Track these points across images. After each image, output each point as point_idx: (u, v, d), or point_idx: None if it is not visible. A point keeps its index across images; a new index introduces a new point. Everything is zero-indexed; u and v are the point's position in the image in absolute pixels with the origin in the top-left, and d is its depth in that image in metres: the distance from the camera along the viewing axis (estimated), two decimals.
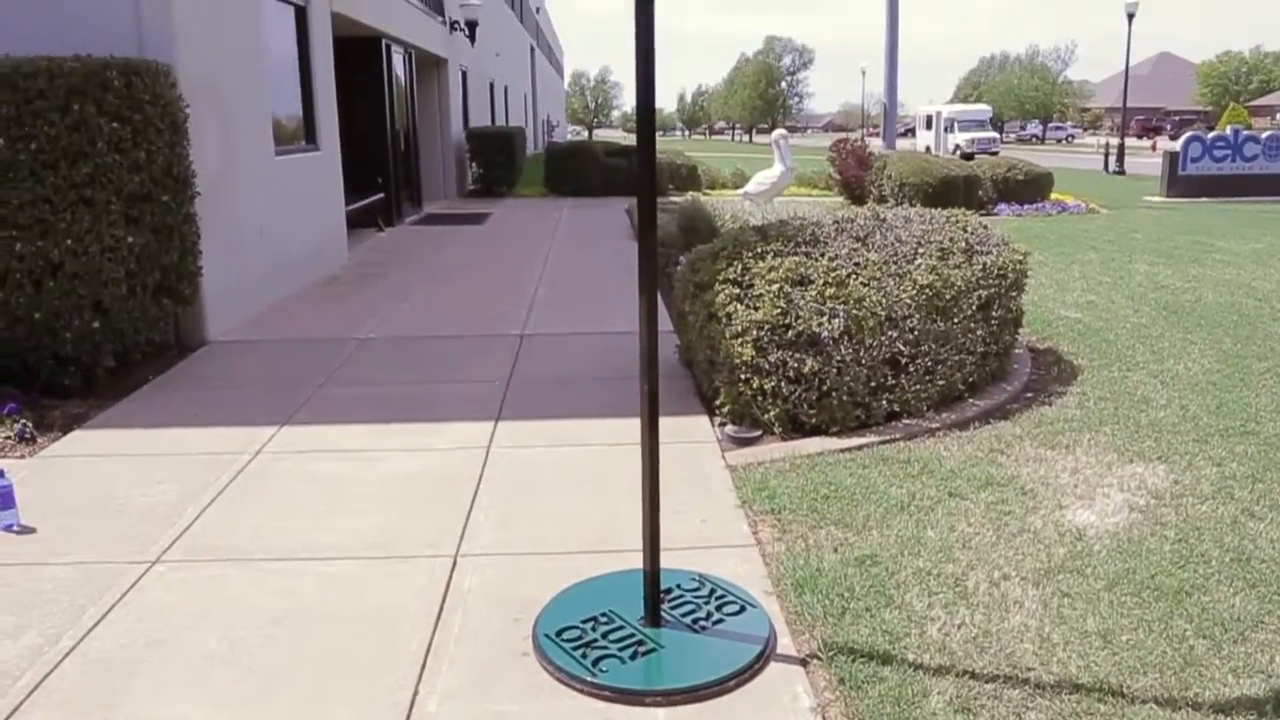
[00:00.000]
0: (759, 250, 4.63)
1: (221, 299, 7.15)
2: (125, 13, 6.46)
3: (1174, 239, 12.62)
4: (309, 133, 9.90)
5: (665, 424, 3.08)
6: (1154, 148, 51.39)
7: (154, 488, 4.25)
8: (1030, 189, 17.19)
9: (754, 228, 5.15)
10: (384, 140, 13.99)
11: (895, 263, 4.71)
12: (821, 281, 4.48)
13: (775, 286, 4.43)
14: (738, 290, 4.52)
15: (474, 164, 19.42)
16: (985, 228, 5.33)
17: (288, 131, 9.32)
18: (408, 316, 7.90)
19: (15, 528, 3.84)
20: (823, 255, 4.65)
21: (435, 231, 13.86)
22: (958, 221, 5.32)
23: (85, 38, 6.15)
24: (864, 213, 5.35)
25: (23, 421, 4.99)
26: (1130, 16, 32.39)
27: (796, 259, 4.56)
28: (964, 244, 4.97)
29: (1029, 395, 5.47)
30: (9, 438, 4.89)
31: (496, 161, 19.18)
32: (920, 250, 4.80)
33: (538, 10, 46.32)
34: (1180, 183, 19.89)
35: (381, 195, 13.51)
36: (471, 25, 19.32)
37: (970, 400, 5.14)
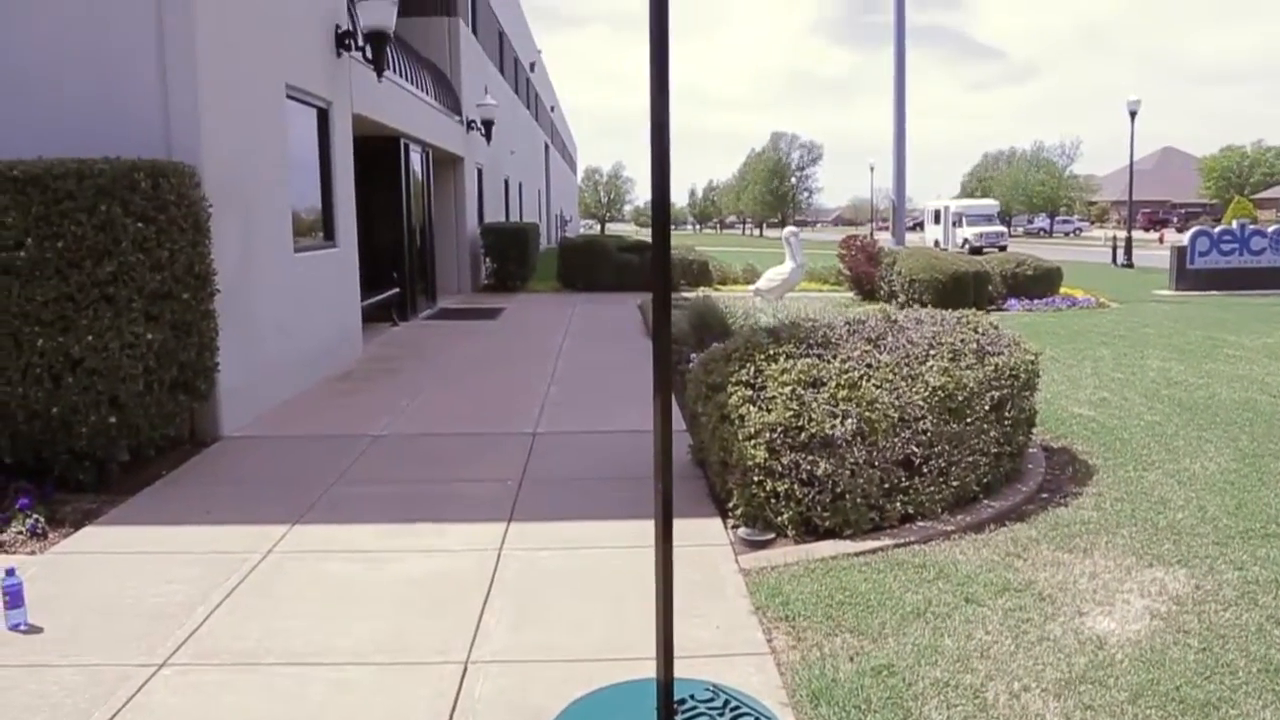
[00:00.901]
0: (771, 352, 4.67)
1: (237, 394, 7.20)
2: (154, 116, 6.67)
3: (1185, 334, 12.65)
4: (328, 230, 10.09)
5: (678, 526, 3.07)
6: (1161, 240, 51.82)
7: (164, 587, 4.23)
8: (1040, 284, 17.32)
9: (766, 329, 5.20)
10: (401, 236, 14.24)
11: (907, 364, 4.73)
12: (834, 383, 4.50)
13: (788, 389, 4.46)
14: (750, 392, 4.55)
15: (488, 259, 19.70)
16: (996, 328, 5.36)
17: (307, 229, 9.50)
18: (421, 413, 7.93)
19: (23, 627, 3.82)
20: (835, 357, 4.68)
21: (449, 326, 14.00)
22: (969, 322, 5.36)
23: (115, 139, 6.33)
24: (875, 314, 5.40)
25: (35, 517, 5.01)
26: (1132, 114, 33.04)
27: (809, 361, 4.59)
28: (975, 345, 5.00)
29: (1044, 496, 5.42)
30: (20, 533, 4.89)
31: (510, 257, 19.46)
32: (932, 352, 4.83)
33: (552, 109, 47.50)
34: (1189, 276, 20.03)
35: (397, 290, 13.70)
36: (488, 125, 19.81)
37: (985, 501, 5.11)
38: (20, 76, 6.60)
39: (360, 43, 10.67)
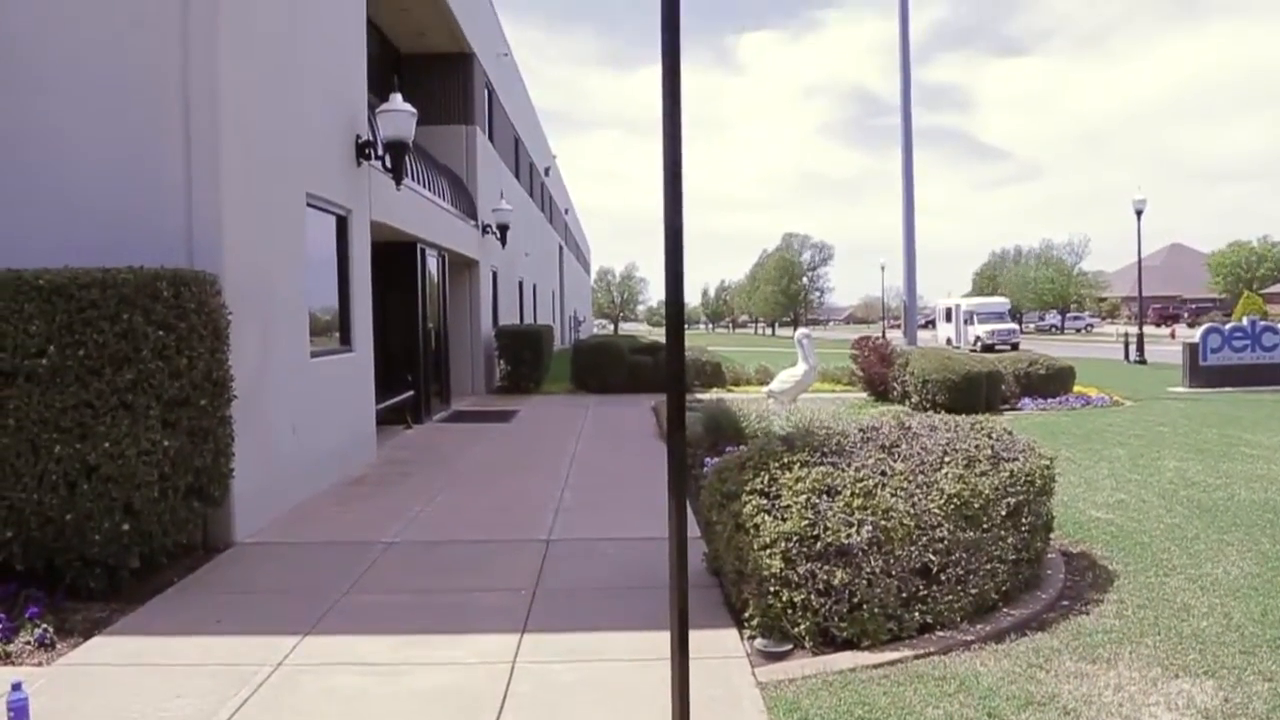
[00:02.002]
0: (785, 460, 4.67)
1: (250, 500, 7.21)
2: (178, 225, 6.84)
3: (1201, 432, 12.57)
4: (344, 334, 10.22)
5: (694, 637, 3.04)
6: (1173, 335, 51.89)
7: (172, 702, 4.18)
8: (1053, 383, 17.30)
9: (780, 437, 5.21)
10: (415, 339, 14.39)
11: (922, 472, 4.72)
12: (849, 492, 4.49)
13: (803, 497, 4.44)
14: (765, 501, 4.53)
15: (502, 361, 19.85)
16: (1010, 433, 5.35)
17: (324, 334, 9.63)
18: (434, 519, 7.91)
19: None
20: (849, 465, 4.68)
21: (462, 429, 14.03)
22: (982, 428, 5.36)
23: (140, 247, 6.51)
24: (889, 421, 5.41)
25: (44, 626, 4.98)
26: (1139, 213, 33.46)
27: (823, 469, 4.59)
28: (990, 451, 4.99)
29: (1065, 604, 5.34)
30: (29, 643, 4.86)
31: (524, 359, 19.61)
32: (946, 459, 4.82)
33: (566, 211, 48.42)
34: (1202, 373, 20.01)
35: (411, 393, 13.78)
36: (503, 229, 20.19)
37: (1005, 610, 5.03)
38: (49, 189, 6.82)
39: (380, 152, 10.98)
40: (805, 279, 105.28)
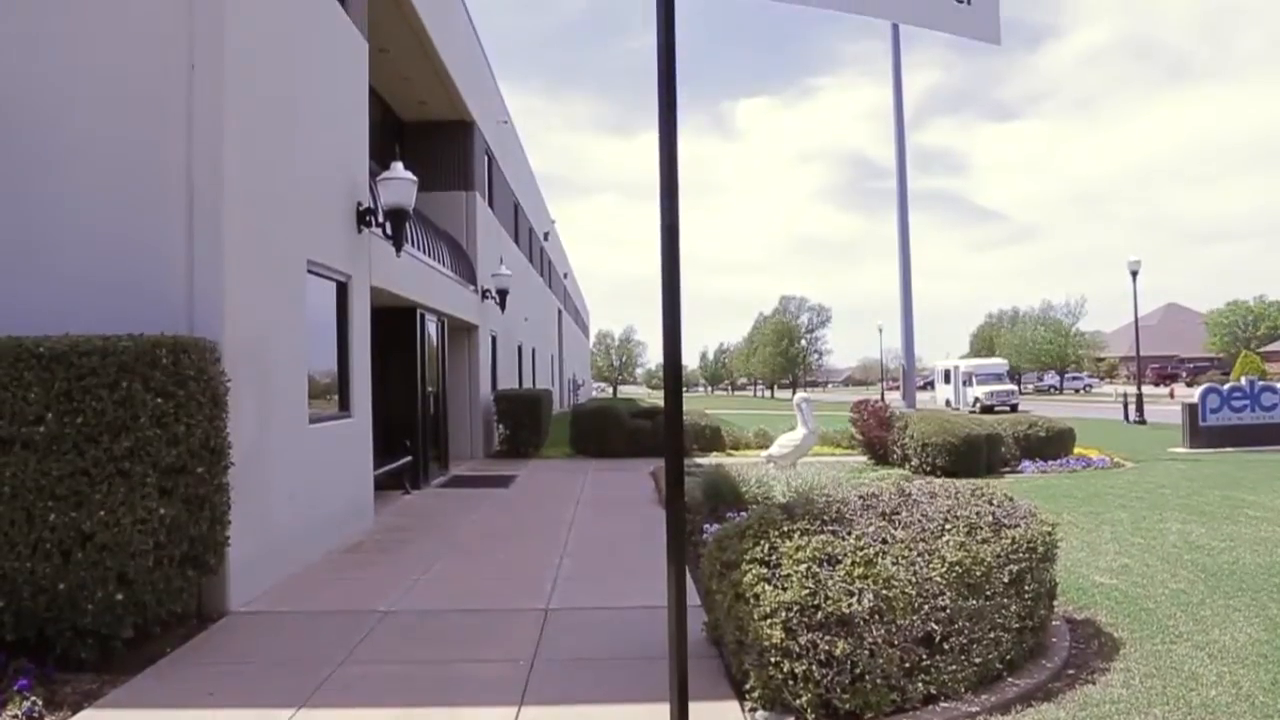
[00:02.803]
0: (785, 529, 4.64)
1: (246, 567, 7.14)
2: (179, 293, 6.86)
3: (1203, 494, 12.51)
4: (343, 400, 10.21)
5: (694, 709, 2.99)
6: (1172, 395, 51.95)
7: None
8: (1053, 444, 17.26)
9: (780, 505, 5.18)
10: (414, 403, 14.39)
11: (923, 539, 4.69)
12: (850, 560, 4.45)
13: (803, 566, 4.41)
14: (765, 570, 4.49)
15: (501, 425, 19.83)
16: (1011, 499, 5.33)
17: (323, 400, 9.62)
18: (431, 587, 7.82)
19: None
20: (850, 533, 4.64)
21: (461, 494, 13.95)
22: (983, 494, 5.34)
23: (140, 314, 6.54)
24: (889, 488, 5.39)
25: (33, 699, 4.90)
26: (1134, 274, 33.74)
27: (824, 537, 4.56)
28: (991, 518, 4.96)
29: (1070, 673, 5.26)
30: (17, 716, 4.78)
31: (523, 423, 19.60)
32: (948, 526, 4.79)
33: (565, 275, 48.73)
34: (1202, 434, 19.99)
35: (409, 458, 13.73)
36: (502, 294, 20.31)
37: (1009, 680, 4.95)
38: (51, 259, 6.86)
39: (381, 219, 11.08)
40: (803, 341, 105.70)
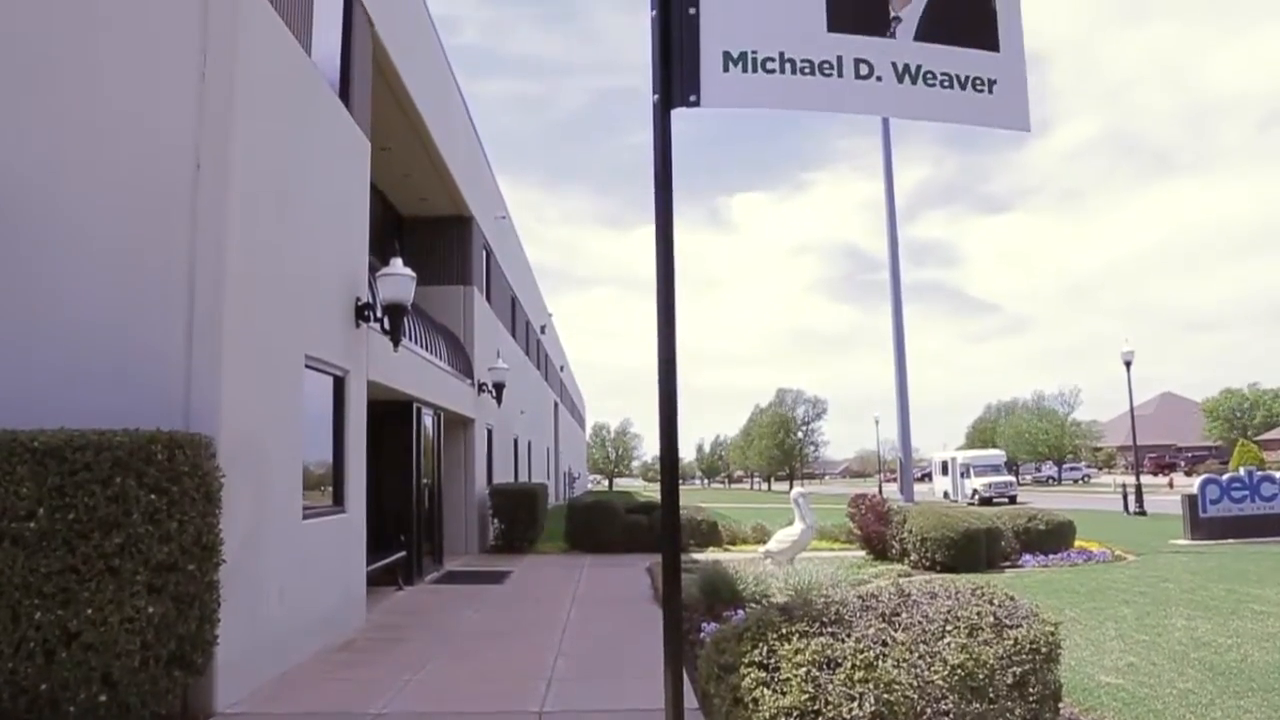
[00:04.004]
0: (784, 631, 4.56)
1: (234, 667, 6.98)
2: (176, 389, 6.87)
3: (1207, 588, 12.35)
4: (337, 495, 10.13)
5: None
6: (1170, 485, 51.71)
7: None
8: (1053, 538, 17.11)
9: (778, 606, 5.11)
10: (409, 497, 14.29)
11: (924, 641, 4.61)
12: (850, 664, 4.37)
13: (802, 670, 4.32)
14: (764, 674, 4.40)
15: (496, 519, 19.65)
16: (1012, 599, 5.25)
17: (317, 491, 9.55)
18: (424, 689, 7.65)
19: None
20: (849, 635, 4.57)
21: (455, 591, 13.74)
22: (983, 594, 5.27)
23: (137, 409, 6.54)
24: (888, 588, 5.32)
25: None
26: (1128, 364, 33.92)
27: (823, 640, 4.48)
28: (992, 618, 4.88)
29: None
30: None
31: (518, 518, 19.44)
32: (948, 627, 4.71)
33: (561, 368, 48.89)
34: (1203, 525, 19.85)
35: (403, 553, 13.57)
36: (499, 387, 20.34)
37: None
38: (48, 350, 6.88)
39: (379, 314, 11.16)
40: (800, 433, 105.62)
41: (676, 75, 2.94)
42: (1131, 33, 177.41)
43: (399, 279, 11.12)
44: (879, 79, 3.02)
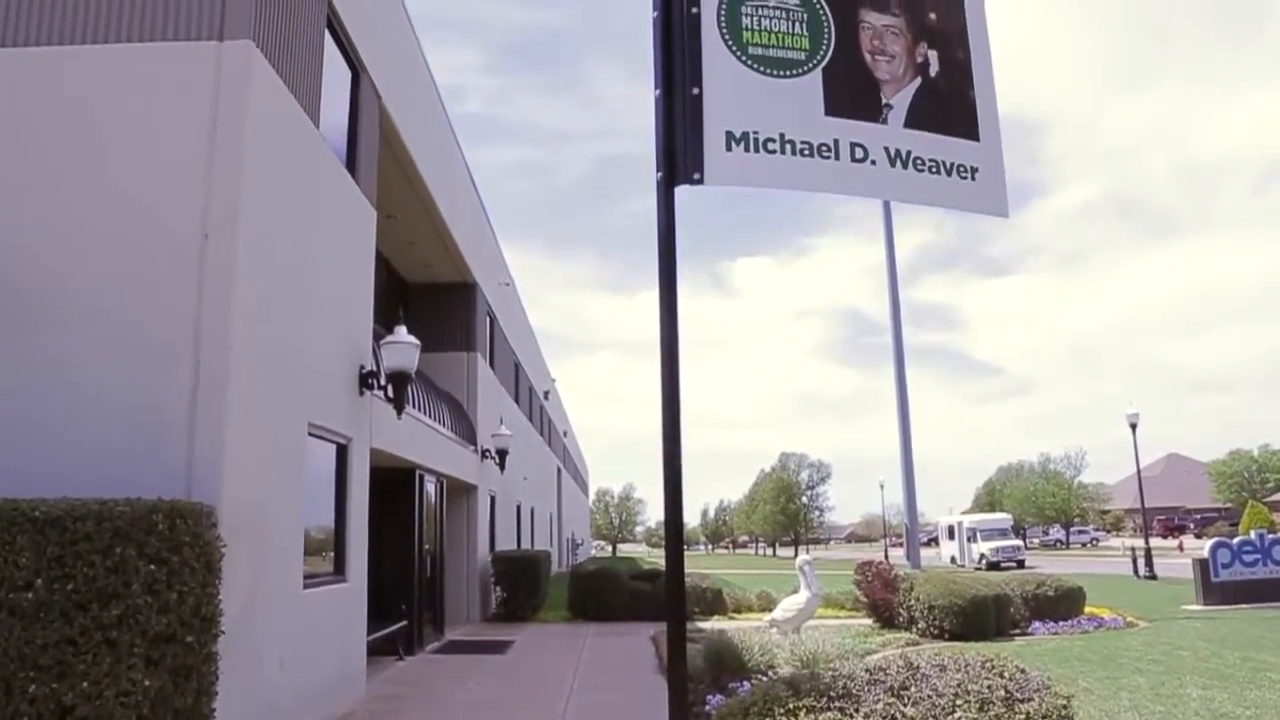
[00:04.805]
0: (790, 706, 4.48)
1: None
2: (179, 458, 6.83)
3: (1222, 655, 12.13)
4: (338, 564, 10.03)
5: None
6: (1180, 548, 51.09)
7: None
8: (1063, 604, 16.86)
9: (784, 680, 5.02)
10: (411, 565, 14.16)
11: (934, 716, 4.52)
12: None
13: None
14: None
15: (499, 587, 19.44)
16: (1023, 671, 5.16)
17: (318, 559, 9.46)
18: None
19: None
20: (857, 710, 4.48)
21: (456, 661, 13.53)
22: (993, 667, 5.18)
23: (139, 478, 6.50)
24: (896, 661, 5.23)
25: None
26: (1133, 426, 33.79)
27: (830, 715, 4.39)
28: (1003, 692, 4.80)
29: None
30: None
31: (521, 586, 19.24)
32: (959, 701, 4.63)
33: (565, 434, 48.78)
34: (1215, 590, 19.56)
35: (404, 623, 13.41)
36: (502, 454, 20.27)
37: None
38: (52, 421, 6.86)
39: (383, 382, 11.17)
40: (804, 498, 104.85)
41: (680, 153, 3.01)
42: (1128, 98, 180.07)
43: (403, 347, 11.15)
44: (873, 162, 3.11)
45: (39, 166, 7.35)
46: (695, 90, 3.03)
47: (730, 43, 3.09)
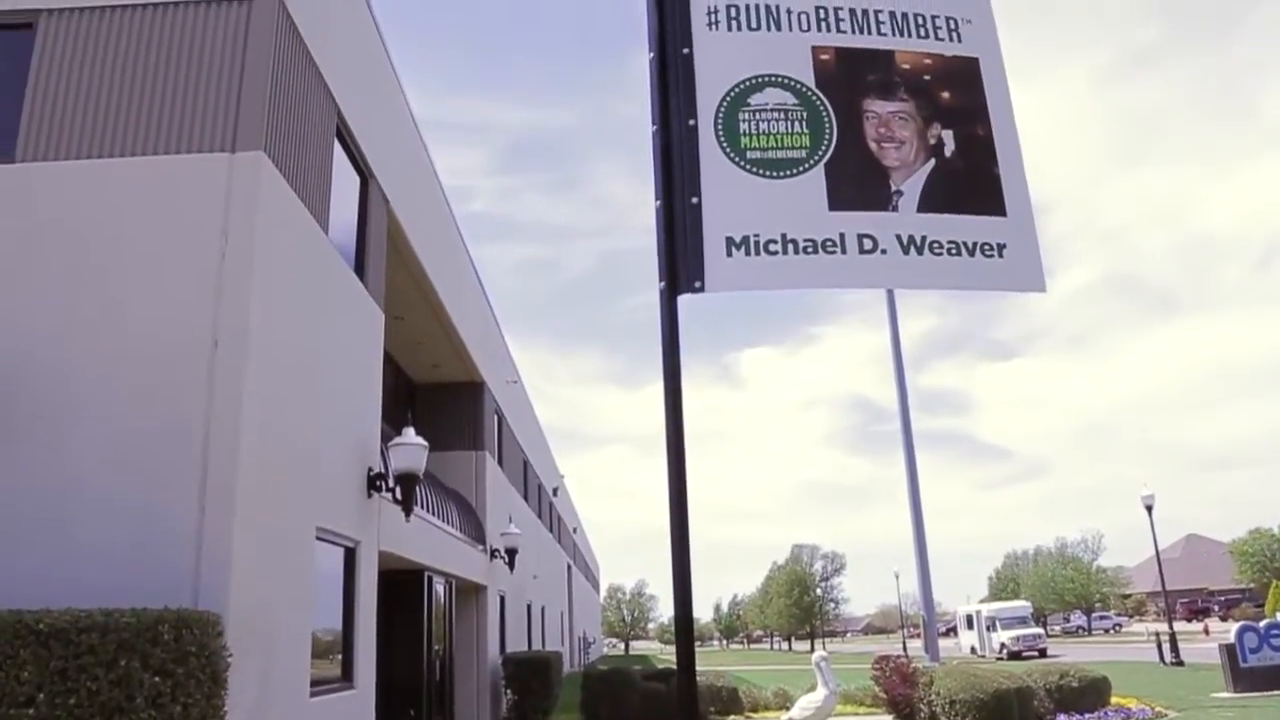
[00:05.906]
0: None
1: None
2: (187, 563, 6.75)
3: None
4: (346, 669, 9.83)
5: None
6: (1206, 631, 49.87)
7: None
8: (1088, 696, 16.42)
9: None
10: (420, 668, 13.89)
11: None
12: None
13: None
14: None
15: (509, 690, 19.01)
16: None
17: (325, 666, 9.27)
18: None
19: None
20: None
21: None
22: None
23: (145, 585, 6.41)
24: None
25: None
26: (1149, 508, 33.32)
27: None
28: None
29: None
30: None
31: (532, 688, 18.82)
32: None
33: (574, 530, 48.28)
34: (1245, 676, 19.05)
35: None
36: (511, 553, 20.04)
37: None
38: (60, 531, 6.80)
39: (391, 483, 11.11)
40: (818, 590, 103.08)
41: (681, 263, 2.96)
42: (1126, 178, 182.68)
43: (411, 449, 11.13)
44: (884, 251, 2.98)
45: (52, 276, 7.46)
46: (694, 199, 3.00)
47: (728, 150, 3.06)
